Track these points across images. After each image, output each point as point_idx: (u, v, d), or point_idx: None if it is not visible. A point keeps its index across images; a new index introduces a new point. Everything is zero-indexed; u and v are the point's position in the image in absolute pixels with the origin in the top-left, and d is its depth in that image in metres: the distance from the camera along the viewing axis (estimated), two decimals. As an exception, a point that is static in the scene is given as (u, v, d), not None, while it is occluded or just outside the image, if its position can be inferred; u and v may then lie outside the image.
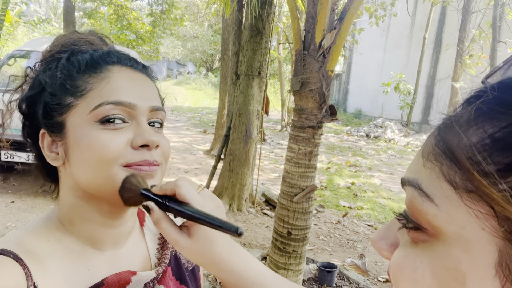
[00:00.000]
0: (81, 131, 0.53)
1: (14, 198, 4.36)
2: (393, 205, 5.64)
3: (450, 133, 0.29)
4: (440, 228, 0.28)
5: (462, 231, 0.27)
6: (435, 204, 0.28)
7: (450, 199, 0.28)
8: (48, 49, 0.60)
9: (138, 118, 0.56)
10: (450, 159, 0.28)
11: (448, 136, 0.29)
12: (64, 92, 0.55)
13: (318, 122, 2.36)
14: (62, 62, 0.57)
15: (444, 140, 0.29)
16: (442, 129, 0.30)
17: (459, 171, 0.27)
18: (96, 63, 0.56)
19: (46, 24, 14.38)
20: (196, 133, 10.98)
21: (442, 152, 0.29)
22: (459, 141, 0.28)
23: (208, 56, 28.47)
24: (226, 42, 7.13)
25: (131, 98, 0.55)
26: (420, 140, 11.58)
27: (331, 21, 2.27)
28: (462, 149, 0.27)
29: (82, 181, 0.55)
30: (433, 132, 0.32)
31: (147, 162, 0.54)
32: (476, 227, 0.26)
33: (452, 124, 0.29)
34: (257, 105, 4.60)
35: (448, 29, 12.56)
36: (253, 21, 4.25)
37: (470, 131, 0.27)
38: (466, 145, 0.27)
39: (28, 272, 0.49)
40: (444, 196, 0.28)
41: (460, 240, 0.27)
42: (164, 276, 0.63)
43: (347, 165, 8.16)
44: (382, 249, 0.35)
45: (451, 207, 0.28)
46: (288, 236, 2.51)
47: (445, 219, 0.28)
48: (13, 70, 5.49)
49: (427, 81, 13.30)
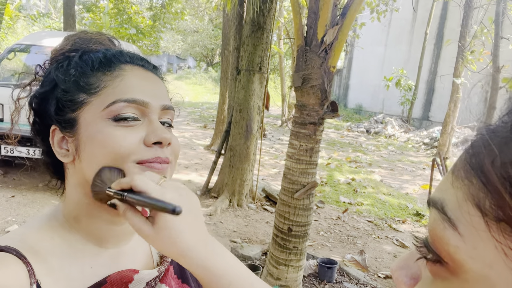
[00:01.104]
0: (94, 128, 0.54)
1: (14, 192, 4.36)
2: (393, 201, 5.64)
3: (484, 148, 0.25)
4: (462, 263, 0.24)
5: (488, 271, 0.23)
6: (459, 233, 0.24)
7: (477, 229, 0.23)
8: (58, 47, 0.61)
9: (150, 116, 0.56)
10: (480, 178, 0.24)
11: (481, 152, 0.25)
12: (77, 89, 0.56)
13: (320, 118, 2.34)
14: (75, 60, 0.58)
15: (476, 156, 0.25)
16: (476, 143, 0.26)
17: (489, 194, 0.23)
18: (110, 61, 0.58)
19: (46, 18, 14.32)
20: (196, 128, 10.97)
21: (472, 169, 0.25)
22: (494, 158, 0.23)
23: (208, 50, 28.39)
24: (227, 37, 7.10)
25: (144, 96, 0.56)
26: (420, 136, 11.56)
27: (333, 17, 2.26)
28: (495, 168, 0.23)
29: (92, 177, 0.54)
30: (468, 145, 0.28)
31: (160, 159, 0.55)
32: (504, 267, 0.22)
33: (487, 138, 0.25)
34: (258, 101, 4.58)
35: (450, 24, 12.50)
36: (254, 16, 4.23)
37: (507, 147, 0.23)
38: (500, 164, 0.23)
39: (31, 269, 0.49)
40: (470, 224, 0.24)
41: (485, 283, 0.23)
42: (166, 275, 0.63)
43: (347, 161, 8.16)
44: (401, 281, 0.31)
45: (477, 239, 0.23)
46: (288, 233, 2.51)
47: (469, 253, 0.24)
48: (13, 64, 5.47)
49: (428, 77, 13.26)
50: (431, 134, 11.27)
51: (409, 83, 11.57)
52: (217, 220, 4.26)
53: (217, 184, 5.10)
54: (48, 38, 5.56)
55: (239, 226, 4.21)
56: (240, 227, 4.18)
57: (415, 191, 6.33)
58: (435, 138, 10.63)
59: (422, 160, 9.10)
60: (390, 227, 4.66)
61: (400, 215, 5.11)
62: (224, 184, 4.85)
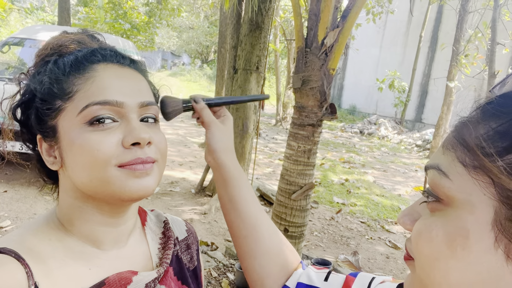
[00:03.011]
0: (71, 134, 0.53)
1: (7, 187, 4.31)
2: (385, 202, 5.68)
3: (464, 128, 0.38)
4: (453, 197, 0.37)
5: (469, 197, 0.36)
6: (450, 179, 0.37)
7: (461, 174, 0.37)
8: (38, 53, 0.59)
9: (127, 115, 0.55)
10: (463, 145, 0.37)
11: (463, 130, 0.38)
12: (52, 96, 0.54)
13: (318, 120, 2.36)
14: (49, 66, 0.56)
15: (459, 133, 0.39)
16: (458, 126, 0.40)
17: (469, 153, 0.36)
18: (80, 63, 0.55)
19: (40, 11, 14.15)
20: (190, 125, 10.94)
21: (457, 142, 0.38)
22: (471, 133, 0.37)
23: (203, 47, 28.28)
24: (224, 35, 7.08)
25: (118, 96, 0.54)
26: (413, 138, 11.65)
27: (334, 19, 2.27)
28: (472, 139, 0.36)
29: (78, 183, 0.54)
30: (452, 128, 0.41)
31: (140, 159, 0.53)
32: (479, 193, 0.35)
33: (466, 122, 0.39)
34: (254, 100, 4.58)
35: (445, 28, 12.61)
36: (253, 15, 4.22)
37: (479, 126, 0.37)
38: (475, 136, 0.36)
39: (29, 271, 0.49)
40: (457, 173, 0.37)
41: (467, 204, 0.36)
42: (166, 276, 0.63)
43: (341, 162, 8.20)
44: (405, 223, 0.43)
45: (461, 180, 0.36)
46: (285, 233, 2.52)
47: (457, 189, 0.37)
48: (6, 57, 5.40)
49: (421, 79, 13.36)
50: (423, 136, 11.37)
51: (402, 84, 11.65)
52: (211, 219, 4.26)
53: (211, 182, 5.09)
54: (43, 32, 5.50)
55: (233, 225, 4.21)
56: (235, 226, 4.17)
57: (408, 193, 6.39)
58: (428, 140, 10.73)
59: (415, 162, 9.18)
60: (383, 228, 4.70)
61: (393, 216, 5.15)
62: (219, 183, 4.84)
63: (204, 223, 4.10)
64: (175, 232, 0.72)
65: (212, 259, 3.27)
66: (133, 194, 0.53)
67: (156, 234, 0.69)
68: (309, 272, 0.68)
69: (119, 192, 0.53)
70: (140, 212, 0.69)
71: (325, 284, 0.64)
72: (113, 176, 0.52)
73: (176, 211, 4.36)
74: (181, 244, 0.72)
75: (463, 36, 8.07)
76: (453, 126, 0.41)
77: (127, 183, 0.53)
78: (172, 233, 0.70)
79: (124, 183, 0.53)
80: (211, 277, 3.02)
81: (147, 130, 0.55)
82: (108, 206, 0.57)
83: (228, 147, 0.72)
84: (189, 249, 0.73)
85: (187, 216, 4.23)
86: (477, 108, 0.39)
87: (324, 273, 0.67)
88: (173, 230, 0.71)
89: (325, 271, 0.67)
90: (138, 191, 0.54)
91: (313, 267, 0.70)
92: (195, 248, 0.75)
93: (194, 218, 4.19)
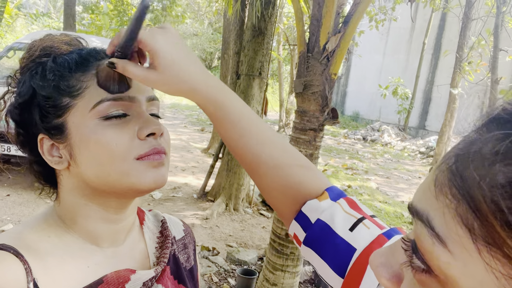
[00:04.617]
0: (86, 130, 0.53)
1: (9, 191, 4.33)
2: (388, 209, 5.65)
3: (469, 165, 0.23)
4: (453, 277, 0.24)
5: (479, 286, 0.23)
6: (449, 251, 0.24)
7: (467, 248, 0.23)
8: (26, 55, 0.60)
9: (138, 109, 0.56)
10: (468, 202, 0.23)
11: (466, 171, 0.23)
12: (59, 94, 0.55)
13: (320, 124, 2.36)
14: (49, 64, 0.56)
15: (461, 176, 0.24)
16: (460, 158, 0.24)
17: (478, 220, 0.22)
18: (86, 60, 0.56)
19: (45, 17, 14.30)
20: (193, 131, 10.96)
21: (458, 191, 0.24)
22: (480, 179, 0.22)
23: (207, 54, 28.44)
24: (227, 41, 7.12)
25: (129, 91, 0.56)
26: (416, 145, 11.62)
27: (336, 25, 2.27)
28: (483, 191, 0.22)
29: (92, 179, 0.55)
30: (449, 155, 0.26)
31: (156, 149, 0.55)
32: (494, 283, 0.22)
33: (471, 155, 0.24)
34: (257, 106, 4.59)
35: (448, 35, 12.62)
36: (256, 21, 4.25)
37: (495, 167, 0.22)
38: (488, 187, 0.22)
39: (28, 267, 0.49)
40: (459, 243, 0.23)
41: None
42: (163, 275, 0.63)
43: (344, 168, 8.18)
44: (382, 277, 0.30)
45: (467, 258, 0.23)
46: (286, 238, 2.51)
47: (461, 270, 0.23)
48: (12, 62, 5.45)
49: (425, 86, 13.35)
50: (427, 143, 11.33)
51: (406, 91, 11.64)
52: (213, 224, 4.25)
53: (214, 188, 5.09)
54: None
55: (235, 230, 4.20)
56: (236, 232, 4.17)
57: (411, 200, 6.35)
58: (431, 147, 10.69)
59: (418, 169, 9.14)
60: (386, 235, 4.67)
61: (396, 223, 5.12)
62: (221, 188, 4.85)
63: (205, 228, 4.09)
64: (173, 232, 0.72)
65: (213, 264, 3.26)
66: (151, 185, 0.55)
67: (154, 233, 0.70)
68: (335, 211, 0.54)
69: (138, 184, 0.54)
70: (138, 212, 0.69)
71: (348, 235, 0.51)
72: (133, 169, 0.53)
73: (178, 216, 4.34)
74: (178, 243, 0.72)
75: (466, 43, 8.08)
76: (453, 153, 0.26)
77: (147, 174, 0.54)
78: (170, 232, 0.70)
79: (144, 174, 0.54)
80: (212, 282, 3.01)
81: (158, 122, 0.57)
82: (116, 201, 0.57)
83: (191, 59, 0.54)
84: (186, 249, 0.73)
85: (189, 221, 4.22)
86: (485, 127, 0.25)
87: (354, 218, 0.53)
88: (170, 229, 0.72)
89: (356, 216, 0.53)
90: (156, 181, 0.55)
91: (345, 203, 0.55)
92: (192, 248, 0.75)
93: (195, 223, 4.18)
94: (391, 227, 0.51)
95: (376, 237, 0.49)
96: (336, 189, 0.57)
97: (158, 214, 0.74)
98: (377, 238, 0.49)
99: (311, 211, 0.55)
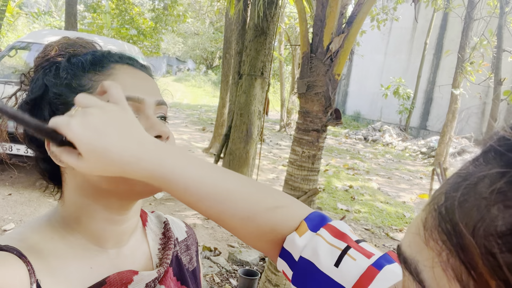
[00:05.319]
0: None
1: (11, 190, 4.33)
2: (390, 209, 5.65)
3: (461, 207, 0.19)
4: None
5: None
6: None
7: None
8: (41, 55, 0.61)
9: (146, 111, 0.57)
10: (458, 254, 0.19)
11: (457, 214, 0.19)
12: (70, 91, 0.55)
13: (323, 125, 2.35)
14: (63, 64, 0.58)
15: (451, 220, 0.19)
16: (450, 197, 0.20)
17: (473, 279, 0.18)
18: (100, 61, 0.58)
19: (47, 16, 14.31)
20: (194, 130, 10.96)
21: (448, 239, 0.20)
22: (475, 225, 0.18)
23: (208, 53, 28.45)
24: (229, 41, 7.11)
25: (138, 93, 0.57)
26: (418, 145, 11.60)
27: (339, 25, 2.27)
28: (477, 241, 0.18)
29: (96, 178, 0.54)
30: (439, 192, 0.22)
31: None
32: None
33: (463, 193, 0.19)
34: (258, 105, 4.59)
35: (450, 35, 12.60)
36: (258, 21, 4.24)
37: (493, 210, 0.18)
38: (484, 235, 0.18)
39: (31, 269, 0.49)
40: None
41: None
42: (166, 277, 0.64)
43: (345, 168, 8.17)
44: None
45: None
46: (288, 239, 2.50)
47: None
48: (13, 61, 5.45)
49: (426, 87, 13.33)
50: (428, 143, 11.32)
51: (407, 91, 11.63)
52: (214, 224, 4.24)
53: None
54: (50, 36, 5.56)
55: (236, 230, 4.19)
56: (238, 232, 4.16)
57: (412, 200, 6.35)
58: (433, 147, 10.67)
59: (419, 169, 9.13)
60: (387, 236, 4.66)
61: (397, 223, 5.11)
62: (223, 188, 4.84)
63: (207, 228, 4.08)
64: (175, 233, 0.73)
65: (215, 265, 3.25)
66: (155, 187, 0.55)
67: (157, 235, 0.70)
68: (318, 245, 0.49)
69: (143, 184, 0.52)
70: (141, 214, 0.70)
71: (335, 272, 0.46)
72: None
73: (180, 216, 4.35)
74: (180, 245, 0.73)
75: (468, 43, 8.06)
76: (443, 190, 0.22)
77: None
78: (172, 234, 0.71)
79: None
80: (214, 283, 3.00)
81: (165, 125, 0.58)
82: (119, 202, 0.57)
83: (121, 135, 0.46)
84: (188, 250, 0.74)
85: (191, 221, 4.22)
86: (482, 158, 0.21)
87: (339, 250, 0.48)
88: (173, 231, 0.72)
89: (340, 247, 0.48)
90: None
91: (327, 232, 0.50)
92: (195, 250, 0.76)
93: (197, 223, 4.18)
94: (381, 254, 0.47)
95: (365, 269, 0.45)
96: (315, 217, 0.53)
97: (160, 216, 0.74)
98: (367, 271, 0.45)
99: (292, 247, 0.51)
